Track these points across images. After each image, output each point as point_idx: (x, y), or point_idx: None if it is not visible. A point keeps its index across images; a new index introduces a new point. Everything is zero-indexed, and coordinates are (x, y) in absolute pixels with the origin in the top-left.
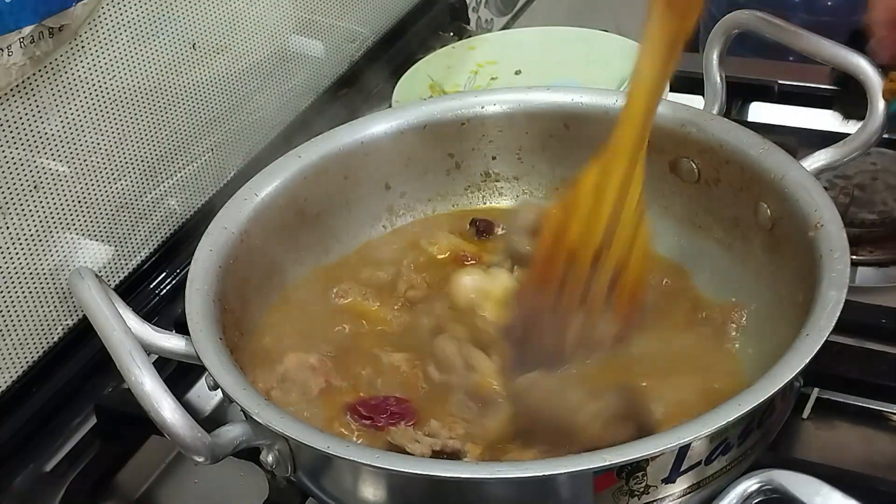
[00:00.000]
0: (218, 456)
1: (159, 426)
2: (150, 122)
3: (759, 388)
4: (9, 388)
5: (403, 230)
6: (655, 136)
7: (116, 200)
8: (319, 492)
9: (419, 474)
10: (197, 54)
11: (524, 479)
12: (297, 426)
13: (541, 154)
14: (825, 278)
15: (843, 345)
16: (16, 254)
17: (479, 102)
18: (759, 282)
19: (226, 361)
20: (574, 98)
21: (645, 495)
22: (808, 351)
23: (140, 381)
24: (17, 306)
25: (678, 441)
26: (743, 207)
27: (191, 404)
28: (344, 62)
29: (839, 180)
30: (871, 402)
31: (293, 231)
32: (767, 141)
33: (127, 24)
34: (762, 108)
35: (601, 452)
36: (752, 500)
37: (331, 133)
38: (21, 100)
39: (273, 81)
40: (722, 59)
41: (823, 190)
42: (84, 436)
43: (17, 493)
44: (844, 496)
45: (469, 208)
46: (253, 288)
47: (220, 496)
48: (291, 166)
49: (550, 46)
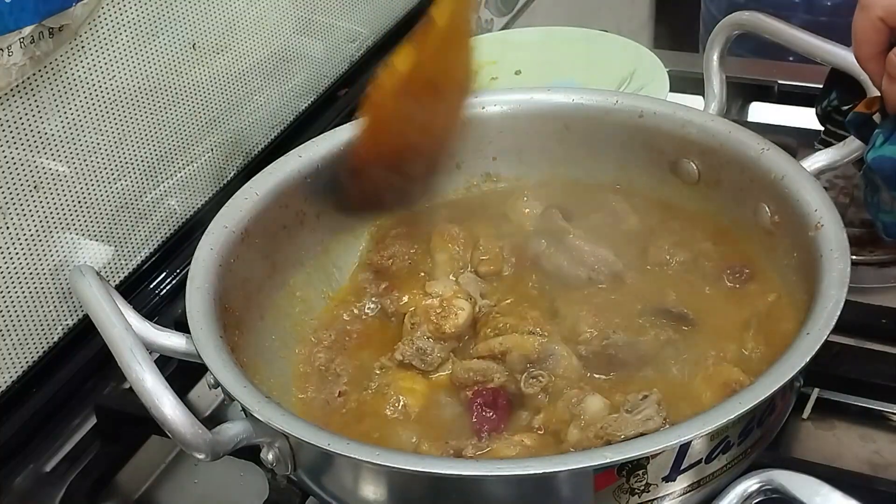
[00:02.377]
0: (218, 453)
1: (160, 423)
2: (150, 122)
3: (759, 387)
4: (9, 388)
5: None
6: (655, 136)
7: (116, 200)
8: (320, 490)
9: (420, 471)
10: (197, 54)
11: (525, 476)
12: (298, 424)
13: (541, 154)
14: (825, 278)
15: (843, 345)
16: (16, 254)
17: (479, 102)
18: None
19: (226, 359)
20: (574, 98)
21: (645, 493)
22: (808, 350)
23: (141, 378)
24: (17, 306)
25: (679, 439)
26: (743, 208)
27: (191, 403)
28: (344, 62)
29: (839, 180)
30: (871, 402)
31: (293, 231)
32: (767, 141)
33: (127, 24)
34: (762, 108)
35: (602, 450)
36: (752, 499)
37: (331, 133)
38: (21, 100)
39: (273, 81)
40: (722, 60)
41: (823, 190)
42: (84, 436)
43: (17, 493)
44: (844, 496)
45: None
46: (253, 287)
47: (220, 496)
48: (291, 166)
49: (550, 46)
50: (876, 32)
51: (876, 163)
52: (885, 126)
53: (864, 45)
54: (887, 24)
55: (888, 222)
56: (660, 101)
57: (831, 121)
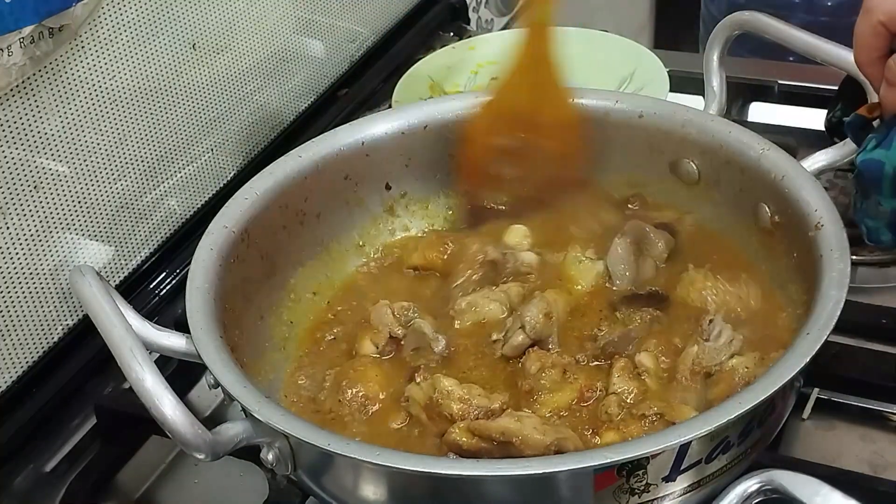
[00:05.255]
0: (218, 453)
1: (160, 423)
2: (150, 122)
3: (759, 388)
4: (9, 388)
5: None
6: (656, 136)
7: (116, 200)
8: (320, 490)
9: (420, 472)
10: (197, 54)
11: (525, 476)
12: (298, 424)
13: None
14: (825, 278)
15: (843, 345)
16: (16, 254)
17: (480, 102)
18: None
19: (226, 359)
20: (574, 98)
21: (645, 493)
22: (808, 351)
23: (141, 378)
24: (17, 306)
25: (679, 439)
26: (743, 208)
27: (191, 404)
28: (344, 62)
29: (839, 180)
30: (871, 402)
31: (293, 231)
32: (767, 141)
33: (127, 24)
34: (762, 108)
35: (602, 450)
36: (752, 500)
37: (331, 133)
38: (21, 100)
39: (273, 81)
40: (722, 60)
41: (823, 190)
42: (84, 436)
43: (17, 493)
44: (844, 496)
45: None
46: (253, 287)
47: (220, 496)
48: (291, 166)
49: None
50: (876, 37)
51: (864, 165)
52: (878, 130)
53: (864, 49)
54: (888, 28)
55: (872, 227)
56: (660, 101)
57: (838, 132)
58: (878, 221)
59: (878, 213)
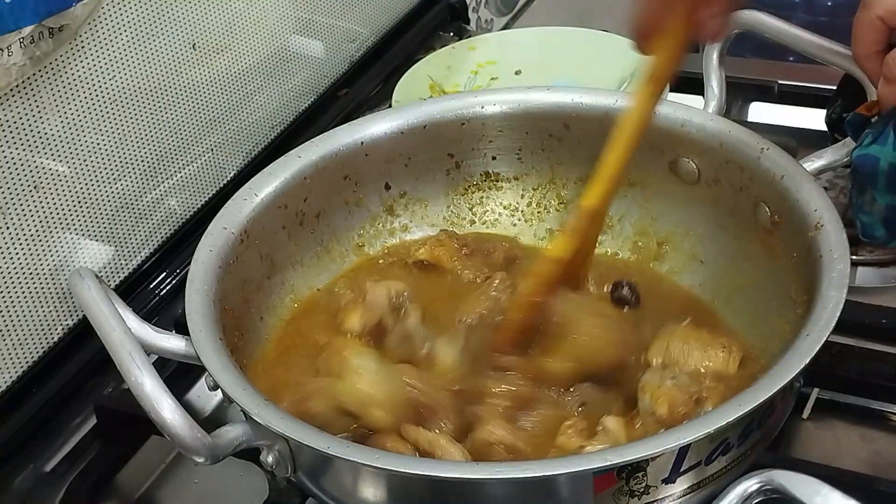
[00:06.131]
0: (218, 456)
1: (159, 426)
2: (150, 122)
3: (759, 389)
4: (9, 388)
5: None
6: (655, 136)
7: (116, 200)
8: (319, 492)
9: (419, 474)
10: (197, 54)
11: (524, 479)
12: (297, 427)
13: (541, 154)
14: (825, 278)
15: (843, 345)
16: (16, 254)
17: (479, 102)
18: (758, 282)
19: (226, 362)
20: (574, 98)
21: (645, 495)
22: (808, 351)
23: (140, 382)
24: (17, 306)
25: (678, 441)
26: (743, 207)
27: (191, 405)
28: (344, 62)
29: (839, 180)
30: (871, 402)
31: (293, 231)
32: (767, 141)
33: (127, 24)
34: (762, 108)
35: (602, 453)
36: (752, 500)
37: (331, 133)
38: (21, 100)
39: (273, 81)
40: (722, 59)
41: (823, 190)
42: (84, 436)
43: (17, 493)
44: (844, 496)
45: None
46: (253, 288)
47: (220, 496)
48: (291, 166)
49: (550, 46)
50: (874, 31)
51: (859, 160)
52: (875, 126)
53: (861, 44)
54: (886, 23)
55: (866, 222)
56: (659, 101)
57: (838, 128)
58: (872, 217)
59: (872, 209)
